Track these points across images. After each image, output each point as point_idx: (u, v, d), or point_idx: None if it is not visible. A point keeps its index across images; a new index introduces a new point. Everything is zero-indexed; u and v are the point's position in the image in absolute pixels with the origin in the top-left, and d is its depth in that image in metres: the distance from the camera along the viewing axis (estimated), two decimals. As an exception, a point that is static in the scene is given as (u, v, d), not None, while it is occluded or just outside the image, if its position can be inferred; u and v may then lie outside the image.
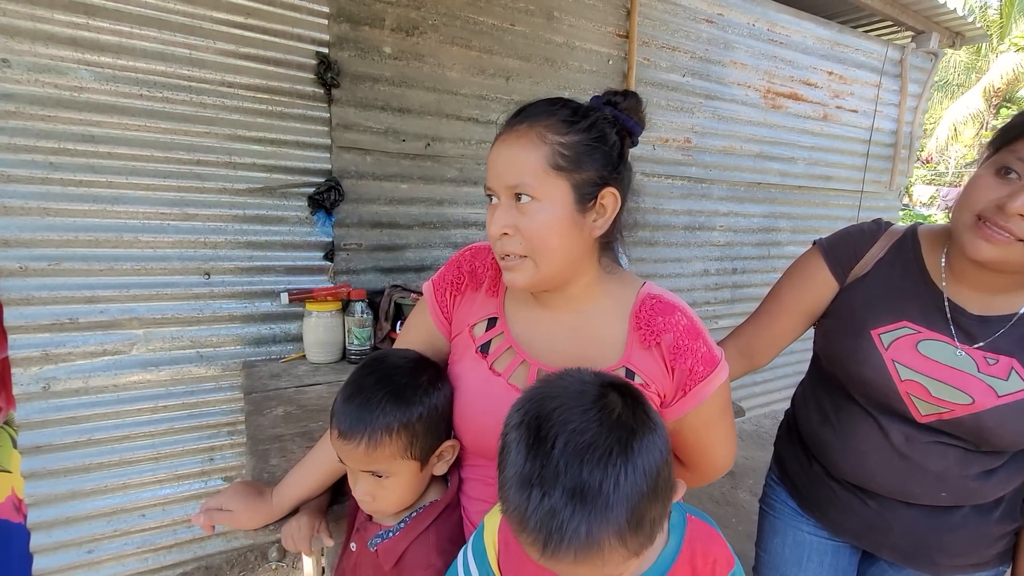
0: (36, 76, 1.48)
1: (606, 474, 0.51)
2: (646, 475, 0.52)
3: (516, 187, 0.71)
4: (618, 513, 0.50)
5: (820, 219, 3.38)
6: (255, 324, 1.87)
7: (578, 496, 0.50)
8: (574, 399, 0.56)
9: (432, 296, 0.88)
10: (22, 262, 1.54)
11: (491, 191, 0.74)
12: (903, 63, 3.29)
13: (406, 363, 0.81)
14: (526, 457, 0.54)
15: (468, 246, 0.90)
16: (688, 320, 0.76)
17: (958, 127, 13.57)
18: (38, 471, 1.65)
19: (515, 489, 0.54)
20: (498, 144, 0.74)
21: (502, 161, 0.72)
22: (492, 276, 0.85)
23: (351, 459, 0.76)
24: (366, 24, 1.87)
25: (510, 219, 0.71)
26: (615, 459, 0.52)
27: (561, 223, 0.71)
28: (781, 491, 1.12)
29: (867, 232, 0.97)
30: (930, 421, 0.85)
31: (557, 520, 0.50)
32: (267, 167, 1.80)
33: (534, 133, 0.71)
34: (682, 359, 0.74)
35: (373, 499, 0.78)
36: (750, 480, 2.82)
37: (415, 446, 0.76)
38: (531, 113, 0.73)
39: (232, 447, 1.92)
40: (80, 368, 1.66)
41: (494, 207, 0.73)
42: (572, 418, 0.54)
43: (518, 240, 0.72)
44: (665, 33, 2.55)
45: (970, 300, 0.85)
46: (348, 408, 0.76)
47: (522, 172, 0.70)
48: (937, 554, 0.91)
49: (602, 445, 0.52)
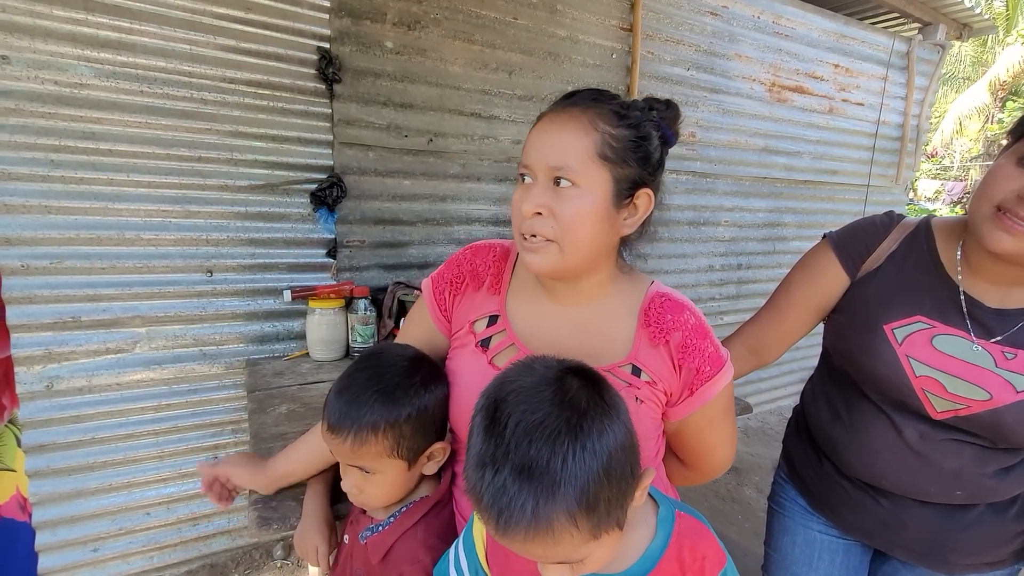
0: (36, 72, 1.47)
1: (554, 452, 0.52)
2: (597, 456, 0.53)
3: (559, 169, 0.69)
4: (566, 492, 0.51)
5: (826, 214, 3.35)
6: (258, 322, 1.86)
7: (525, 473, 0.51)
8: (532, 382, 0.57)
9: (431, 294, 0.87)
10: (24, 260, 1.53)
11: (527, 169, 0.72)
12: (910, 55, 3.25)
13: (401, 361, 0.80)
14: (483, 438, 0.55)
15: (469, 244, 0.88)
16: (696, 319, 0.76)
17: (963, 121, 13.45)
18: (42, 470, 1.65)
19: (472, 469, 0.55)
20: (544, 123, 0.72)
21: (547, 141, 0.70)
22: (494, 274, 0.84)
23: (338, 453, 0.78)
24: (367, 18, 1.85)
25: (545, 200, 0.69)
26: (563, 438, 0.52)
27: (595, 214, 0.70)
28: (790, 489, 1.10)
29: (879, 225, 0.95)
30: (946, 418, 0.83)
31: (506, 497, 0.51)
32: (269, 163, 1.78)
33: (586, 118, 0.70)
34: (690, 358, 0.74)
35: (360, 492, 0.79)
36: (756, 477, 2.81)
37: (402, 446, 0.76)
38: (583, 98, 0.72)
39: (236, 445, 1.91)
40: (83, 367, 1.65)
41: (528, 186, 0.71)
42: (526, 399, 0.55)
43: (549, 223, 0.70)
44: (669, 26, 2.52)
45: (987, 293, 0.83)
46: (338, 402, 0.76)
47: (567, 155, 0.69)
48: (951, 553, 0.90)
49: (551, 424, 0.53)
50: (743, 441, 3.20)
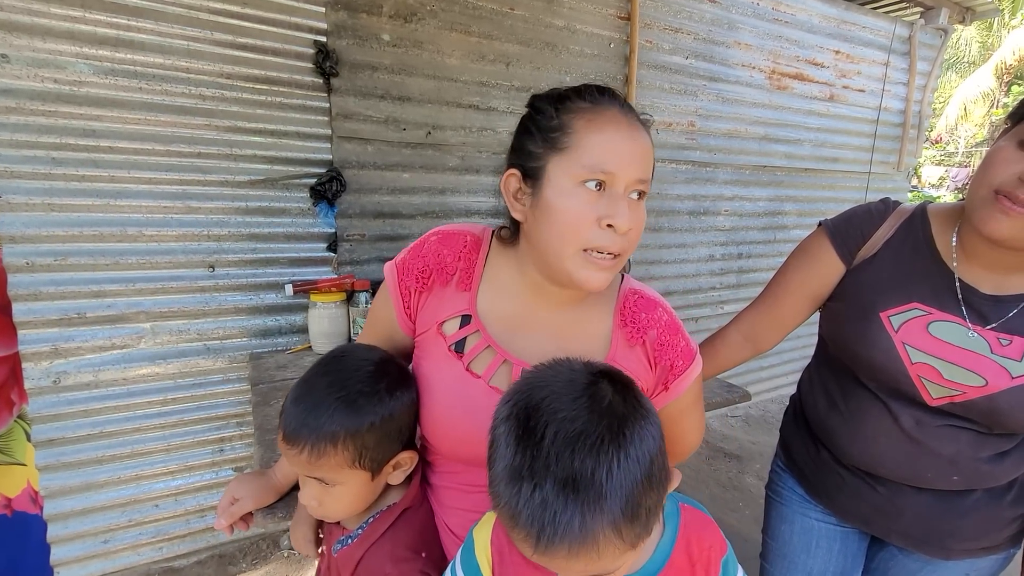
0: (36, 71, 1.47)
1: (598, 463, 0.49)
2: (639, 463, 0.51)
3: (643, 182, 0.67)
4: (612, 503, 0.49)
5: (827, 202, 3.34)
6: (260, 316, 1.88)
7: (570, 486, 0.49)
8: (564, 388, 0.54)
9: (396, 288, 0.78)
10: (28, 258, 1.55)
11: (610, 176, 0.65)
12: (912, 40, 3.22)
13: (367, 365, 0.74)
14: (515, 449, 0.52)
15: (434, 230, 0.80)
16: (669, 316, 0.77)
17: (968, 106, 13.31)
18: (52, 464, 1.68)
19: (505, 483, 0.52)
20: (627, 131, 0.66)
21: (639, 151, 0.66)
22: (464, 268, 0.77)
23: (295, 464, 0.71)
24: (364, 11, 1.85)
25: (634, 213, 0.66)
26: (607, 447, 0.50)
27: None
28: (788, 478, 1.11)
29: (875, 212, 0.95)
30: (941, 404, 0.84)
31: (549, 512, 0.49)
32: (268, 158, 1.79)
33: (647, 128, 0.70)
34: (664, 354, 0.75)
35: (320, 505, 0.74)
36: (757, 464, 2.83)
37: (364, 457, 0.71)
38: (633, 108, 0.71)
39: (241, 438, 1.93)
40: (89, 362, 1.67)
41: (606, 197, 0.65)
42: (562, 407, 0.52)
43: (629, 239, 0.67)
44: (668, 15, 2.50)
45: (982, 280, 0.84)
46: (295, 410, 0.70)
47: (650, 168, 0.68)
48: (948, 538, 0.91)
49: (593, 433, 0.50)
50: (744, 429, 3.22)
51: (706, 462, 2.84)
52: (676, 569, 0.62)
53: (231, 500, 0.88)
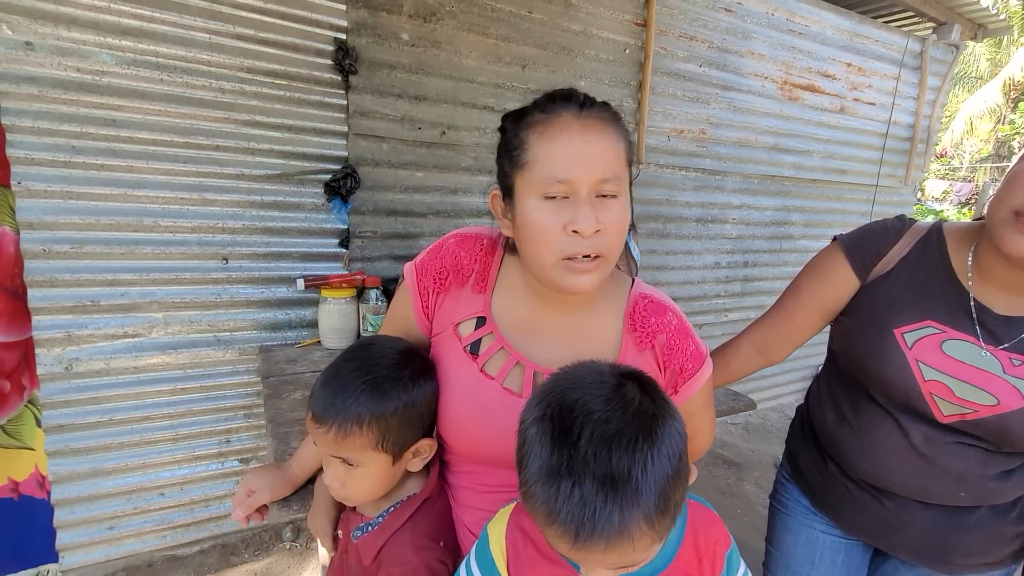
0: (59, 59, 1.49)
1: (634, 460, 0.52)
2: (670, 459, 0.54)
3: (607, 182, 0.66)
4: (647, 498, 0.52)
5: (833, 213, 3.36)
6: (271, 309, 1.89)
7: (609, 484, 0.51)
8: (594, 389, 0.57)
9: (415, 288, 0.80)
10: (45, 244, 1.56)
11: (567, 186, 0.65)
12: (923, 55, 3.24)
13: (392, 353, 0.77)
14: (552, 449, 0.54)
15: (453, 232, 0.81)
16: (678, 320, 0.77)
17: (974, 121, 13.32)
18: (61, 449, 1.69)
19: (542, 483, 0.54)
20: (578, 134, 0.65)
21: (593, 153, 0.65)
22: (479, 270, 0.78)
23: (322, 443, 0.75)
24: (384, 10, 1.86)
25: (600, 215, 0.65)
26: (642, 445, 0.53)
27: (627, 219, 0.69)
28: (793, 489, 1.12)
29: (891, 229, 0.96)
30: (952, 421, 0.85)
31: (589, 509, 0.51)
32: (284, 153, 1.80)
33: (612, 127, 0.68)
34: (674, 359, 0.75)
35: (342, 486, 0.76)
36: (756, 472, 2.84)
37: (387, 440, 0.74)
38: (596, 106, 0.69)
39: (248, 429, 1.95)
40: (101, 350, 1.68)
41: (568, 204, 0.65)
42: (595, 408, 0.55)
43: (604, 238, 0.66)
44: (683, 22, 2.51)
45: (996, 300, 0.85)
46: (324, 392, 0.74)
47: (613, 167, 0.66)
48: (952, 554, 0.92)
49: (628, 433, 0.53)
50: (743, 437, 3.23)
51: (705, 469, 2.85)
52: (684, 562, 0.65)
53: (248, 492, 0.89)
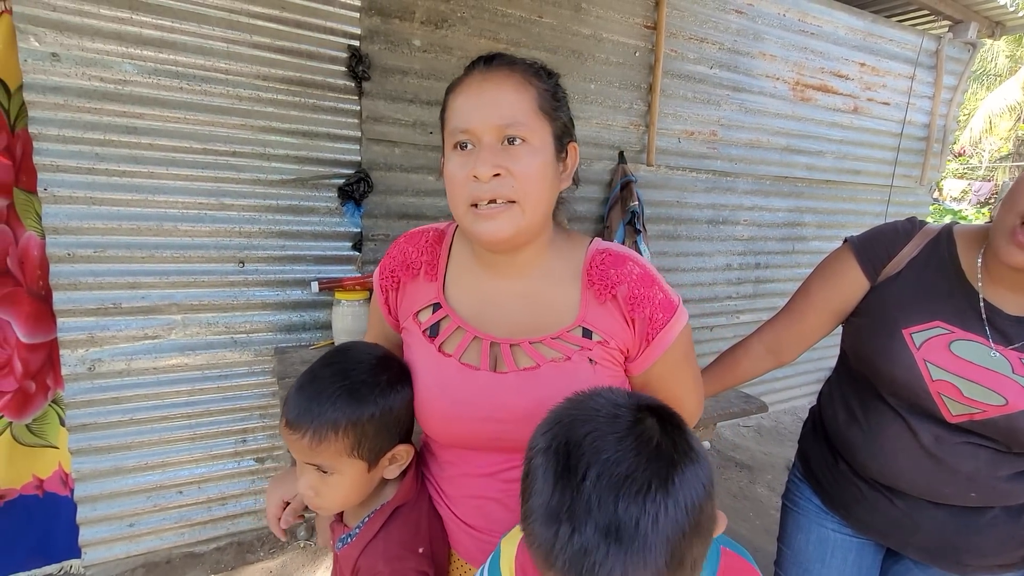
0: (83, 69, 1.54)
1: (644, 511, 0.46)
2: (688, 512, 0.47)
3: (509, 127, 0.67)
4: (657, 555, 0.45)
5: (847, 214, 3.33)
6: (286, 312, 1.93)
7: (612, 535, 0.46)
8: (607, 424, 0.51)
9: (378, 287, 0.85)
10: (70, 249, 1.61)
11: (469, 135, 0.68)
12: (939, 54, 3.20)
13: (369, 359, 0.77)
14: (554, 487, 0.49)
15: (404, 232, 0.86)
16: (641, 268, 0.75)
17: (993, 119, 13.07)
18: (84, 448, 1.74)
19: (541, 522, 0.49)
20: (476, 85, 0.69)
21: (489, 101, 0.68)
22: (428, 261, 0.81)
23: (296, 450, 0.73)
24: (396, 17, 1.89)
25: (499, 160, 0.67)
26: (654, 494, 0.46)
27: (546, 168, 0.70)
28: (805, 488, 1.12)
29: (901, 231, 0.96)
30: (961, 421, 0.85)
31: (589, 560, 0.46)
32: (299, 159, 1.84)
33: (518, 74, 0.70)
34: (640, 308, 0.73)
35: (316, 494, 0.75)
36: (768, 475, 2.82)
37: (363, 446, 0.72)
38: (505, 59, 0.72)
39: (264, 429, 1.98)
40: (123, 351, 1.73)
41: (472, 152, 0.69)
42: (606, 447, 0.49)
43: (510, 183, 0.68)
44: (693, 24, 2.52)
45: (1007, 301, 0.85)
46: (298, 397, 0.73)
47: (515, 112, 0.68)
48: (964, 554, 0.92)
49: (640, 478, 0.47)
50: (756, 440, 3.21)
51: (717, 471, 2.83)
52: None
53: (281, 504, 0.87)
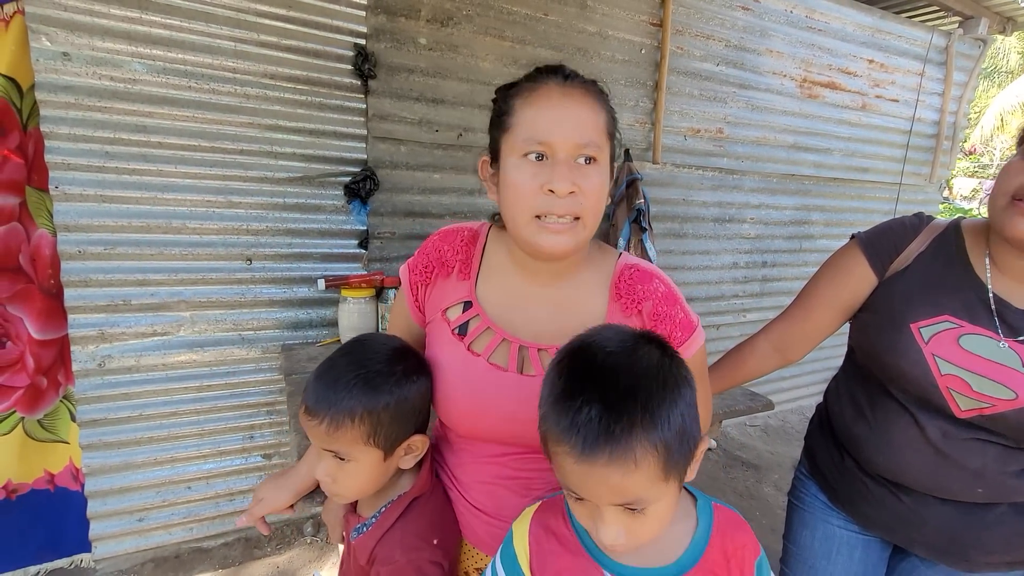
0: (94, 69, 1.55)
1: (644, 381, 0.55)
2: (679, 391, 0.57)
3: (587, 146, 0.70)
4: (655, 417, 0.54)
5: (855, 212, 3.30)
6: (293, 309, 1.94)
7: (618, 398, 0.54)
8: (613, 335, 0.61)
9: (407, 284, 0.86)
10: (80, 246, 1.63)
11: (547, 147, 0.70)
12: (949, 50, 3.16)
13: (385, 350, 0.79)
14: (567, 377, 0.58)
15: (438, 230, 0.87)
16: (666, 287, 0.78)
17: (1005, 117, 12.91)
18: (95, 443, 1.76)
19: (554, 403, 0.57)
20: (558, 100, 0.71)
21: (570, 117, 0.70)
22: (462, 260, 0.83)
23: (314, 436, 0.75)
24: (402, 15, 1.90)
25: (576, 177, 0.70)
26: (653, 371, 0.56)
27: (605, 187, 0.74)
28: (811, 485, 1.12)
29: (908, 226, 0.96)
30: (970, 416, 0.84)
31: (595, 422, 0.53)
32: (306, 157, 1.85)
33: (594, 94, 0.73)
34: (662, 325, 0.76)
35: (333, 481, 0.76)
36: (775, 475, 2.81)
37: (378, 435, 0.74)
38: (579, 76, 0.74)
39: (271, 426, 2.00)
40: (132, 347, 1.75)
41: (548, 165, 0.70)
42: (611, 346, 0.59)
43: (579, 200, 0.70)
44: (700, 21, 2.51)
45: (1016, 294, 0.85)
46: (317, 385, 0.75)
47: (593, 131, 0.71)
48: (971, 551, 0.91)
49: (642, 360, 0.57)
50: (762, 439, 3.20)
51: (723, 470, 2.83)
52: (711, 563, 0.64)
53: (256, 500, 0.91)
